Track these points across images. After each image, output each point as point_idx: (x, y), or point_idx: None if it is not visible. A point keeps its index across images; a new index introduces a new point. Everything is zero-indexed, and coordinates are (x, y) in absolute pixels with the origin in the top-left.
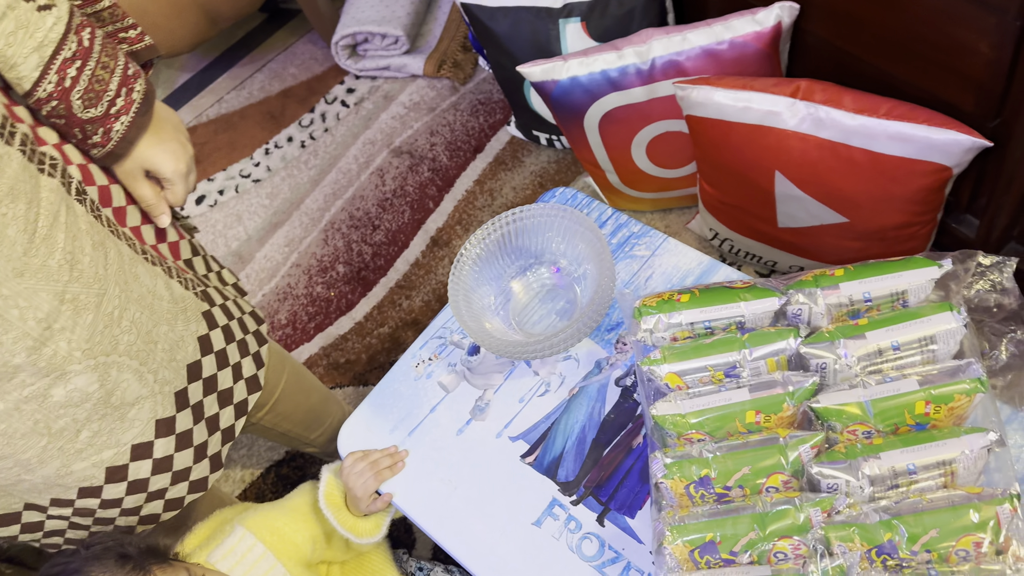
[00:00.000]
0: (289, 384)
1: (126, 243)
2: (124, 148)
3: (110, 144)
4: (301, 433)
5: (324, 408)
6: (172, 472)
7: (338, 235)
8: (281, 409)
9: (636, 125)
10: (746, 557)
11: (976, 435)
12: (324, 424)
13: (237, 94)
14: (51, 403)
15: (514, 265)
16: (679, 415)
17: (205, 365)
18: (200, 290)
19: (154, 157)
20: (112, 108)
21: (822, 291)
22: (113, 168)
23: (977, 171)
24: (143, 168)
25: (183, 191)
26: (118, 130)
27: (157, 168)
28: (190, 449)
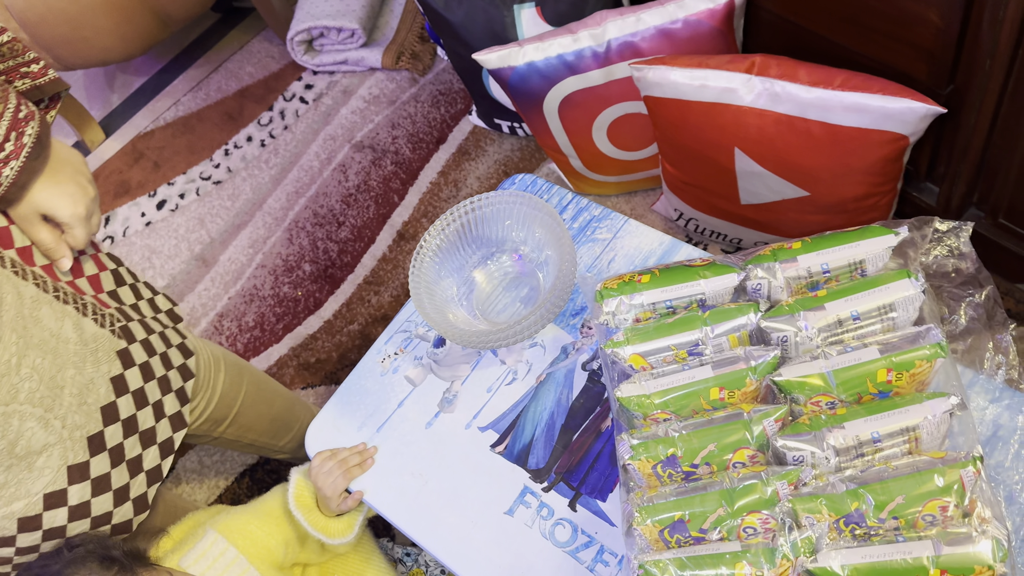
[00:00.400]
0: (249, 395)
1: (33, 283)
2: (15, 193)
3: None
4: (268, 442)
5: (290, 415)
6: (91, 518)
7: (303, 233)
8: (243, 421)
9: (595, 108)
10: (716, 534)
11: (938, 400)
12: (292, 430)
13: (194, 96)
14: None
15: (476, 255)
16: (644, 396)
17: (121, 406)
18: (120, 326)
19: (50, 201)
20: (0, 153)
21: (780, 264)
22: (8, 211)
23: (934, 139)
24: (38, 212)
25: (83, 235)
26: (7, 175)
27: (53, 212)
28: (109, 493)
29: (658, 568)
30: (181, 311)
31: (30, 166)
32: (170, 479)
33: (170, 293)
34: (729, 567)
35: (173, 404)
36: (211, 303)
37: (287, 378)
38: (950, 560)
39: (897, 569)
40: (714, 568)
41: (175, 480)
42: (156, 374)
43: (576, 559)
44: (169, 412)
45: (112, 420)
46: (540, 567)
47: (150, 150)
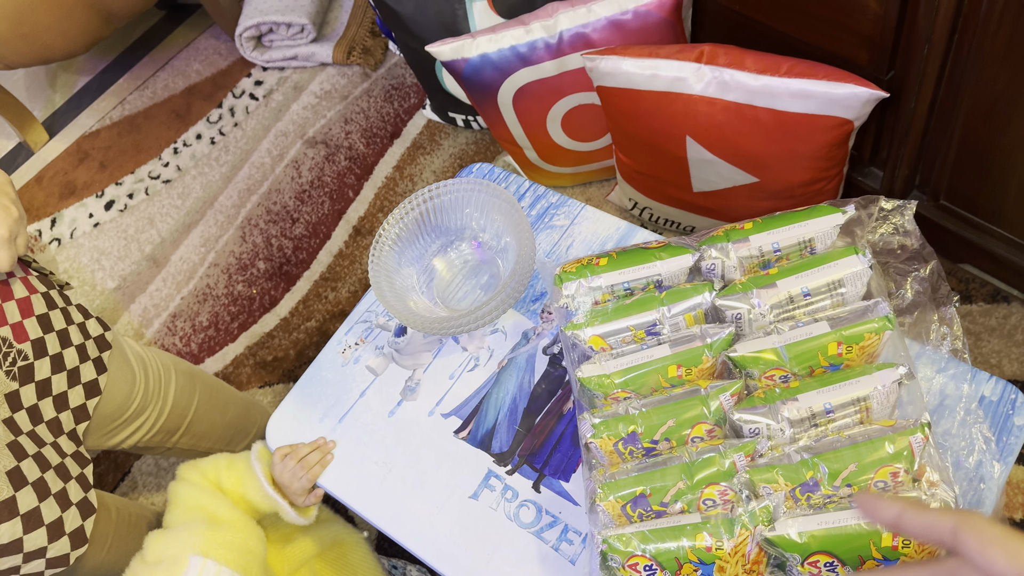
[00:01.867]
0: (202, 403)
1: None
2: None
3: None
4: (223, 449)
5: (245, 420)
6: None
7: (256, 231)
8: (197, 430)
9: (549, 100)
10: (677, 507)
11: (887, 371)
12: (249, 435)
13: (140, 94)
14: None
15: (435, 243)
16: (604, 375)
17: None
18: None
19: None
20: None
21: (733, 245)
22: None
23: (877, 124)
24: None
25: (7, 258)
26: None
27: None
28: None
29: (621, 542)
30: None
31: None
32: (126, 482)
33: (121, 295)
34: (690, 538)
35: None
36: (163, 303)
37: (244, 377)
38: None
39: (852, 534)
40: (675, 540)
41: (131, 485)
42: (44, 417)
43: (541, 539)
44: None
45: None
46: (506, 548)
47: (96, 150)
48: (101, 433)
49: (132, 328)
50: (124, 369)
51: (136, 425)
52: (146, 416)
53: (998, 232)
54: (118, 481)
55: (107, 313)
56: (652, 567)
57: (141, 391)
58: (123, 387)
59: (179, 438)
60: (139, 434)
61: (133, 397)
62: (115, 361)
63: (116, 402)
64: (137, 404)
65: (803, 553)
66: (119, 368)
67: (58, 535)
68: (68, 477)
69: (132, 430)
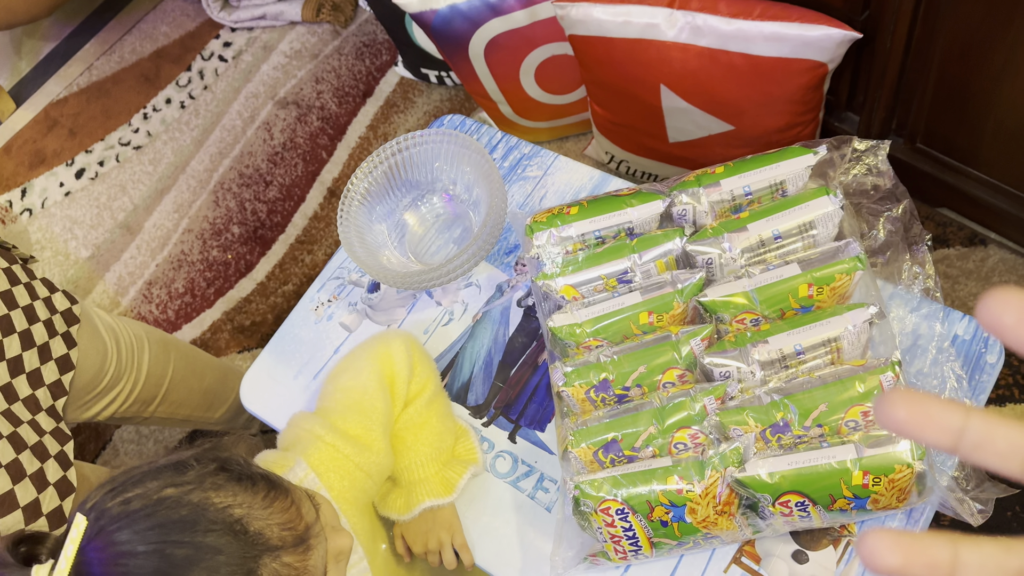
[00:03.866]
0: (178, 371)
1: None
2: None
3: None
4: (202, 415)
5: (222, 386)
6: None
7: (229, 195)
8: (174, 398)
9: (521, 51)
10: (648, 451)
11: (858, 311)
12: (227, 401)
13: (107, 59)
14: None
15: (406, 197)
16: (576, 324)
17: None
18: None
19: None
20: None
21: (704, 189)
22: None
23: (852, 67)
24: None
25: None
26: None
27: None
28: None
29: (593, 487)
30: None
31: None
32: (107, 451)
33: (95, 263)
34: (660, 481)
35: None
36: (138, 271)
37: (222, 343)
38: (872, 461)
39: (822, 473)
40: (646, 484)
41: (113, 452)
42: (20, 395)
43: (517, 488)
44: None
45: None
46: (482, 498)
47: (64, 117)
48: (75, 406)
49: (108, 297)
50: (95, 341)
51: (111, 397)
52: (120, 387)
53: (975, 174)
54: (99, 450)
55: (82, 282)
56: (624, 511)
57: (114, 362)
58: (95, 359)
59: (156, 407)
60: (115, 405)
61: (106, 369)
62: (85, 334)
63: (89, 375)
64: (111, 376)
65: (774, 493)
66: (90, 340)
67: (35, 517)
68: (46, 456)
69: (107, 402)
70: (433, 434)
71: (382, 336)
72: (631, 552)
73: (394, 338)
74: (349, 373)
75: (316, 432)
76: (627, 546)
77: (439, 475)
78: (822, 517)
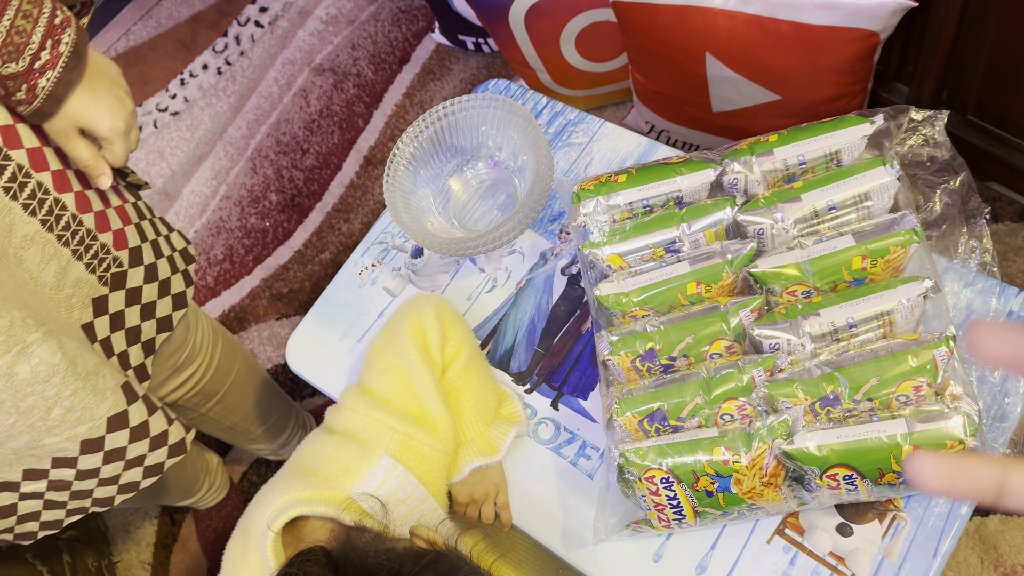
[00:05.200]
0: (240, 373)
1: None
2: (52, 106)
3: (36, 102)
4: (248, 427)
5: (271, 402)
6: (150, 438)
7: (266, 162)
8: (230, 400)
9: (563, 17)
10: (694, 422)
11: (912, 284)
12: (270, 420)
13: (144, 25)
14: (17, 381)
15: (451, 163)
16: (622, 294)
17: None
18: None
19: (88, 114)
20: (36, 63)
21: (757, 158)
22: (44, 126)
23: (903, 37)
24: (76, 126)
25: (123, 150)
26: (44, 87)
27: (92, 126)
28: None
29: (638, 456)
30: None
31: (67, 77)
32: None
33: None
34: (707, 452)
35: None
36: None
37: (260, 309)
38: (923, 436)
39: (872, 447)
40: (692, 454)
41: None
42: (126, 324)
43: (559, 455)
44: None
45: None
46: (524, 464)
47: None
48: (157, 377)
49: None
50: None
51: (184, 376)
52: (193, 369)
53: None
54: None
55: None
56: (668, 479)
57: (192, 340)
58: (181, 327)
59: (213, 405)
60: (184, 388)
61: (187, 342)
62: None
63: (176, 341)
64: (188, 352)
65: (822, 466)
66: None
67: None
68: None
69: (180, 381)
70: (475, 395)
71: (413, 303)
72: (675, 521)
73: (425, 305)
74: (392, 350)
75: (388, 423)
76: (671, 515)
77: (483, 436)
78: (870, 491)
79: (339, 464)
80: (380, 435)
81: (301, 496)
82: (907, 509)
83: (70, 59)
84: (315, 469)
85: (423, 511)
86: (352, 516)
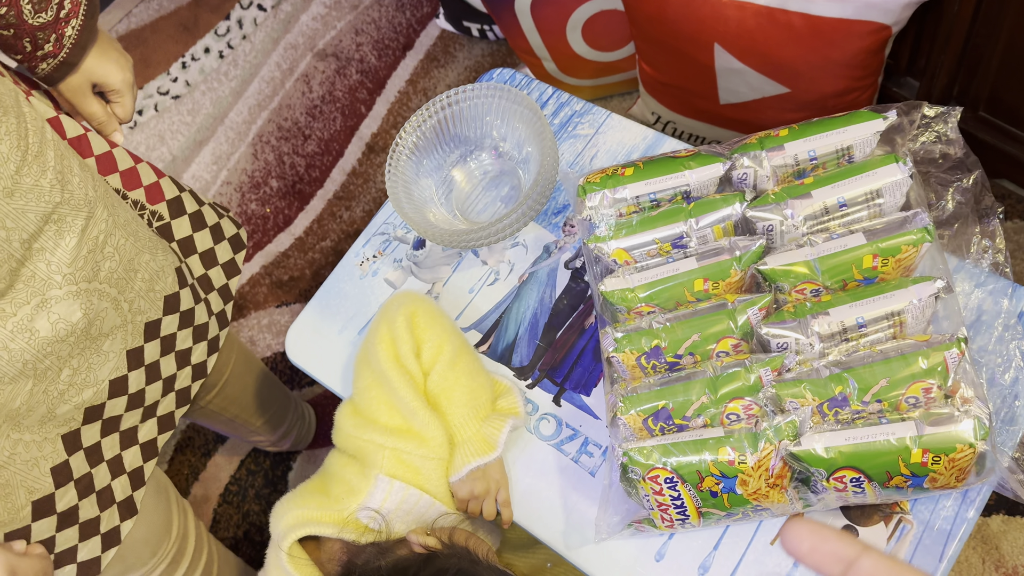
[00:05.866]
0: (238, 364)
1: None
2: (77, 56)
3: (63, 52)
4: (248, 419)
5: (269, 392)
6: (143, 407)
7: (268, 148)
8: (229, 392)
9: (570, 5)
10: (699, 421)
11: (924, 284)
12: (269, 411)
13: (146, 7)
14: (39, 339)
15: (454, 153)
16: (628, 289)
17: (183, 298)
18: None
19: (101, 67)
20: (61, 11)
21: (767, 153)
22: (60, 87)
23: (915, 31)
24: (91, 81)
25: (131, 103)
26: (70, 35)
27: (106, 79)
28: (159, 382)
29: (642, 455)
30: None
31: (88, 24)
32: None
33: None
34: (712, 452)
35: (218, 302)
36: None
37: (260, 296)
38: (932, 440)
39: (880, 450)
40: (697, 453)
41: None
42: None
43: (561, 451)
44: (216, 309)
45: (172, 310)
46: (525, 460)
47: None
48: None
49: None
50: None
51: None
52: None
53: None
54: None
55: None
56: (673, 479)
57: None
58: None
59: (212, 397)
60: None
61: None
62: None
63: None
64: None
65: (829, 468)
66: None
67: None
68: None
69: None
70: (464, 394)
71: (384, 310)
72: (678, 521)
73: (396, 312)
74: (368, 368)
75: (377, 441)
76: (674, 515)
77: (479, 434)
78: (877, 494)
79: (344, 486)
80: (373, 455)
81: (305, 517)
82: (913, 512)
83: (88, 7)
84: (327, 488)
85: (433, 515)
86: (353, 533)
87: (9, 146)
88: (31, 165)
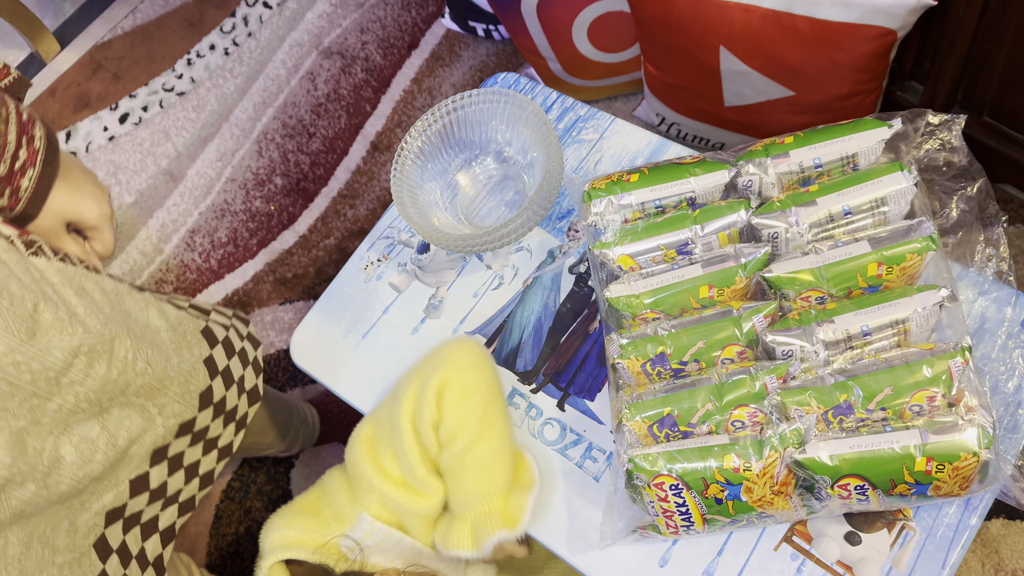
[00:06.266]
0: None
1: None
2: (35, 206)
3: (19, 205)
4: (256, 440)
5: (273, 408)
6: (165, 498)
7: (272, 145)
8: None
9: (576, 6)
10: (704, 428)
11: (928, 292)
12: (277, 425)
13: (151, 3)
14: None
15: (459, 157)
16: (633, 296)
17: (215, 390)
18: (189, 304)
19: (74, 205)
20: (16, 163)
21: (772, 160)
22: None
23: (920, 35)
24: (64, 221)
25: (111, 237)
26: (27, 187)
27: (80, 216)
28: (181, 471)
29: (647, 461)
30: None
31: (46, 172)
32: None
33: (138, 209)
34: (717, 459)
35: (251, 377)
36: (181, 219)
37: (264, 294)
38: (936, 448)
39: (885, 458)
40: (702, 460)
41: None
42: (236, 347)
43: (565, 456)
44: (248, 387)
45: (206, 404)
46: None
47: (109, 60)
48: None
49: (151, 243)
50: None
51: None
52: None
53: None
54: None
55: (125, 228)
56: (678, 486)
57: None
58: None
59: None
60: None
61: None
62: None
63: None
64: None
65: (833, 476)
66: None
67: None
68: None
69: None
70: (476, 480)
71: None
72: (683, 527)
73: (433, 374)
74: (391, 410)
75: (374, 483)
76: (679, 521)
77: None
78: (881, 501)
79: (333, 511)
80: (364, 492)
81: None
82: (916, 519)
83: (46, 154)
84: (319, 509)
85: (412, 554)
86: (331, 559)
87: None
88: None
